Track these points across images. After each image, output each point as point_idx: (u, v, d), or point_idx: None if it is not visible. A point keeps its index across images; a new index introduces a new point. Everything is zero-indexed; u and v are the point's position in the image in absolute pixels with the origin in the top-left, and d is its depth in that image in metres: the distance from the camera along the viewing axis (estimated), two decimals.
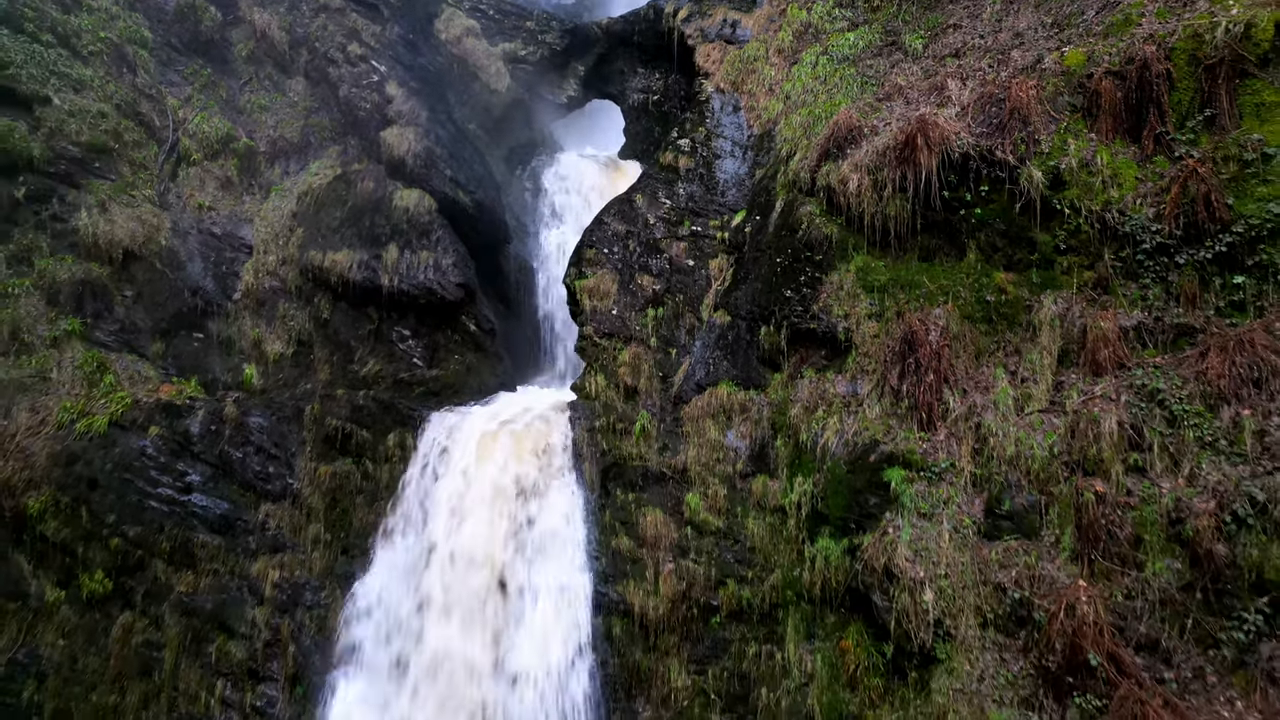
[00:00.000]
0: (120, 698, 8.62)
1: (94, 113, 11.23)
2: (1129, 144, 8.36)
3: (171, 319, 10.58)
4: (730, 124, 11.56)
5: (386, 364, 10.43)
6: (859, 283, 9.12)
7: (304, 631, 9.00)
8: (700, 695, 8.36)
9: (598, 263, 10.45)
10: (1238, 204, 7.57)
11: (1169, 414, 7.11)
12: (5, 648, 8.41)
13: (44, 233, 10.53)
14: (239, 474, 9.49)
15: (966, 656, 6.91)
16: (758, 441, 9.22)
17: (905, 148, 8.80)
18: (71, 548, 8.85)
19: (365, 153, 11.76)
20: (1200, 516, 6.50)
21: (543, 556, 9.00)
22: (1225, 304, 7.50)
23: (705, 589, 8.65)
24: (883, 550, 7.45)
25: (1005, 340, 8.31)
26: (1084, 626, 6.47)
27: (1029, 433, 7.61)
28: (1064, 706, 6.43)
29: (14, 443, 8.95)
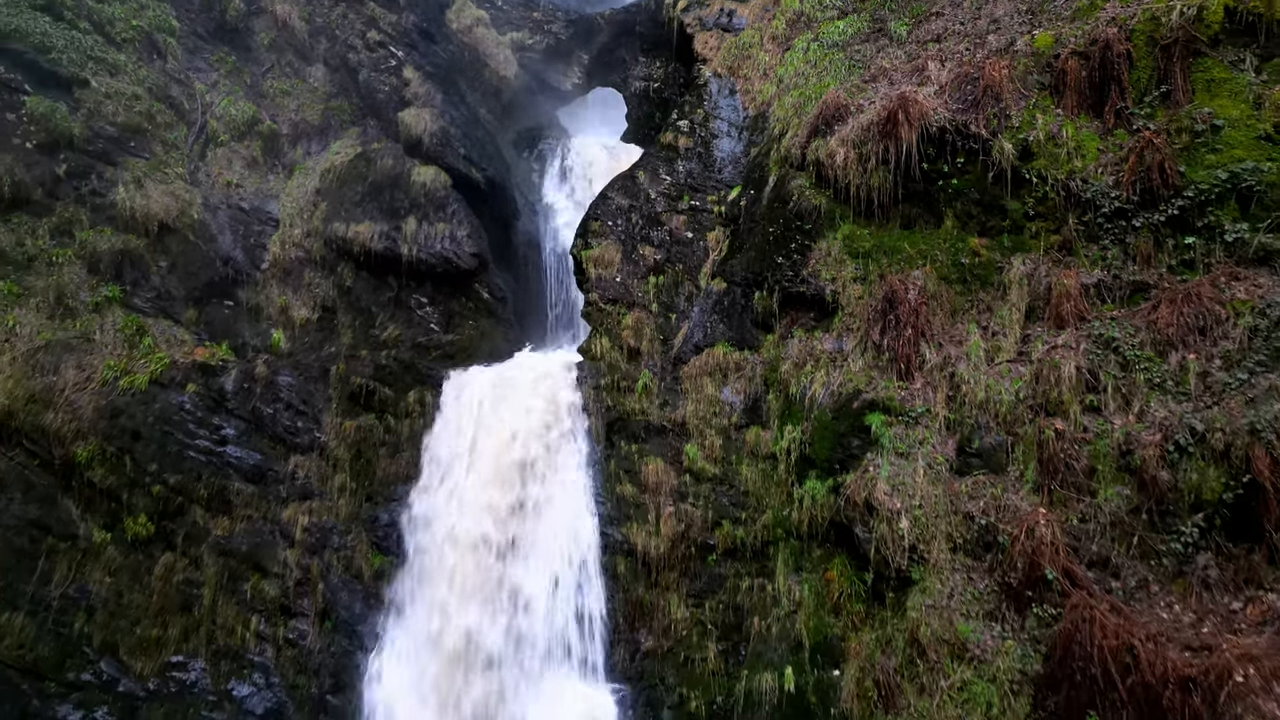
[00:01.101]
0: (163, 630, 9.34)
1: (129, 95, 11.96)
2: (1092, 118, 9.08)
3: (204, 287, 11.31)
4: (727, 106, 12.28)
5: (405, 329, 11.16)
6: (845, 249, 9.83)
7: (332, 571, 9.73)
8: (698, 625, 9.08)
9: (602, 234, 11.18)
10: (1189, 171, 8.28)
11: (1123, 359, 7.83)
12: (58, 583, 9.13)
13: (84, 207, 11.24)
14: (270, 428, 10.21)
15: (938, 577, 7.63)
16: (751, 396, 9.94)
17: (888, 123, 9.52)
18: (117, 494, 9.57)
19: (384, 133, 12.49)
20: (1147, 447, 7.22)
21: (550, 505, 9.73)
22: (1177, 262, 8.22)
23: (702, 530, 9.37)
24: (864, 486, 8.17)
25: (978, 299, 9.04)
26: (1042, 547, 7.19)
27: (998, 380, 8.34)
28: (1023, 616, 7.15)
29: (63, 397, 9.67)
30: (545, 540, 9.45)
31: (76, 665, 8.97)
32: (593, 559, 9.39)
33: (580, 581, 9.27)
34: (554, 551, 9.41)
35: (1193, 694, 5.71)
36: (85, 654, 9.03)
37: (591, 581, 9.30)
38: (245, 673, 9.29)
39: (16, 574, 8.97)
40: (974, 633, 7.25)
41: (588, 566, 9.36)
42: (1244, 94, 8.35)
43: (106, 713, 8.88)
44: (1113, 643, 6.21)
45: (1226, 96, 8.44)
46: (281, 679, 9.30)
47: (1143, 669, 5.99)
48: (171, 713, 9.02)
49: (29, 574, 9.02)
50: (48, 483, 9.45)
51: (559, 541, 9.44)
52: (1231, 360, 7.33)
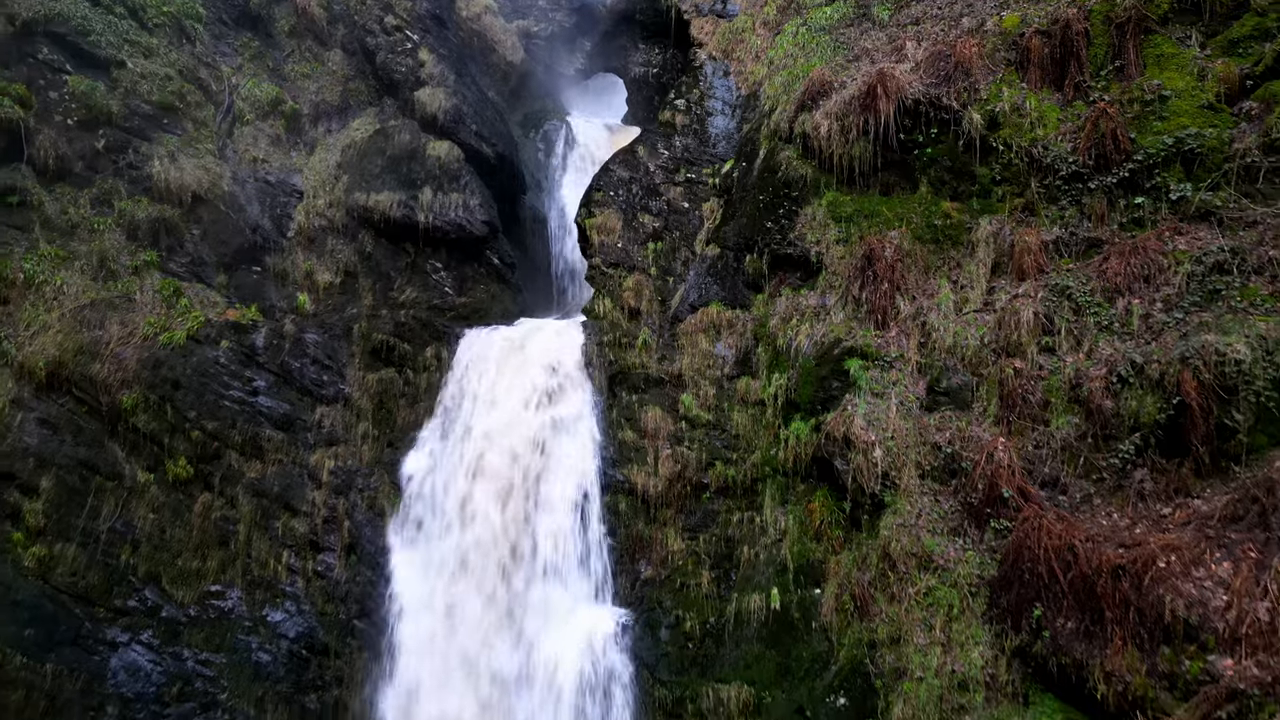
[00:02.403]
0: (202, 563, 10.17)
1: (161, 76, 12.78)
2: (1053, 91, 9.92)
3: (234, 254, 12.13)
4: (721, 86, 13.12)
5: (422, 292, 11.98)
6: (829, 214, 10.66)
7: (357, 510, 10.56)
8: (692, 556, 9.91)
9: (604, 204, 12.01)
10: (1139, 138, 9.12)
11: (1076, 305, 8.66)
12: (105, 518, 9.95)
13: (122, 179, 12.06)
14: (297, 381, 11.04)
15: (908, 500, 8.47)
16: (742, 350, 10.77)
17: (868, 97, 10.35)
18: (159, 438, 10.39)
19: (400, 112, 13.31)
20: (1094, 380, 8.05)
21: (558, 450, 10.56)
22: (1127, 220, 9.06)
23: (697, 470, 10.21)
24: (842, 422, 9.01)
25: (949, 256, 9.87)
26: (1000, 469, 8.03)
27: (965, 327, 9.18)
28: (982, 530, 7.99)
29: (109, 350, 10.49)
30: (553, 481, 10.27)
31: (123, 593, 9.79)
32: (596, 497, 10.21)
33: (585, 517, 10.09)
34: (561, 491, 10.23)
35: (1122, 580, 6.54)
36: (131, 583, 9.85)
37: (596, 517, 10.12)
38: (278, 601, 10.12)
39: (68, 509, 9.80)
40: (939, 546, 8.09)
41: (592, 504, 10.18)
42: (1189, 67, 9.19)
43: (151, 635, 9.70)
44: (1057, 544, 7.03)
45: (1174, 70, 9.27)
46: (311, 606, 10.13)
47: (1081, 563, 6.82)
48: (211, 636, 9.85)
49: (79, 509, 9.84)
50: (95, 428, 10.27)
51: (566, 482, 10.26)
52: (1171, 303, 8.17)
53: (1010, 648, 7.22)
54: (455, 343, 11.16)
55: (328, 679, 9.88)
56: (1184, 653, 6.13)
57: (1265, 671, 5.75)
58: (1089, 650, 6.58)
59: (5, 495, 9.66)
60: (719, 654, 9.17)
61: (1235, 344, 7.10)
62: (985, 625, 7.51)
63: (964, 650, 7.48)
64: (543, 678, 9.48)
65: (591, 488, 10.21)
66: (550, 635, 9.65)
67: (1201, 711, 5.82)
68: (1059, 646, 6.77)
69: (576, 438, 10.55)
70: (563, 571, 9.85)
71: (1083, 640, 6.66)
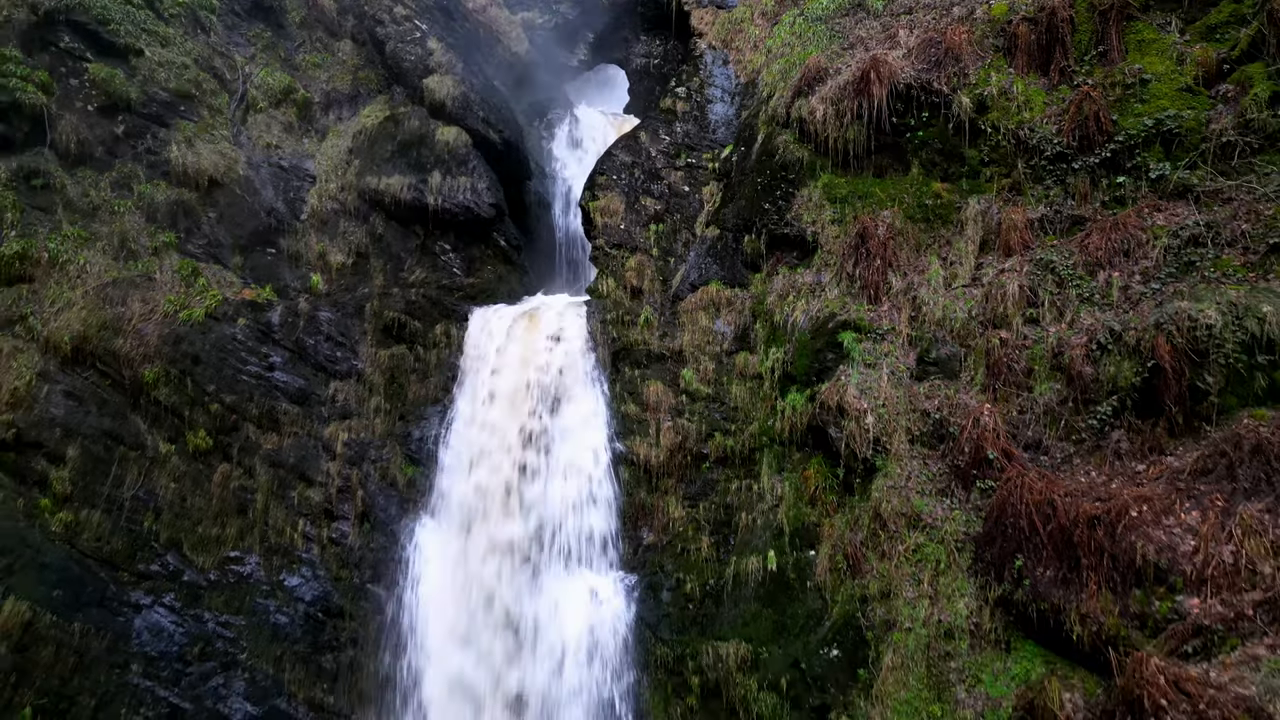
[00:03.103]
0: (221, 530, 10.57)
1: (178, 64, 13.18)
2: (1039, 76, 10.32)
3: (249, 236, 12.53)
4: (720, 75, 13.52)
5: (431, 273, 12.38)
6: (824, 196, 11.07)
7: (370, 480, 10.97)
8: (693, 522, 10.31)
9: (608, 187, 12.41)
10: (1121, 119, 9.53)
11: (1059, 278, 9.07)
12: (129, 486, 10.34)
13: (140, 164, 12.46)
14: (312, 357, 11.44)
15: (898, 464, 8.87)
16: (741, 326, 11.17)
17: (861, 82, 10.75)
18: (179, 411, 10.78)
19: (409, 99, 13.69)
20: (1075, 348, 8.46)
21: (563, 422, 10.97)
22: (1109, 198, 9.47)
23: (697, 441, 10.61)
24: (836, 392, 9.41)
25: (939, 235, 10.28)
26: (986, 433, 8.44)
27: (953, 301, 9.58)
28: (969, 491, 8.40)
29: (131, 326, 10.89)
30: (559, 452, 10.68)
31: (146, 558, 10.19)
32: (601, 467, 10.61)
33: (589, 486, 10.50)
34: (567, 461, 10.64)
35: (1098, 529, 6.95)
36: (153, 548, 10.25)
37: (600, 486, 10.52)
38: (294, 566, 10.52)
39: (93, 477, 10.19)
40: (927, 506, 8.49)
41: (597, 474, 10.59)
42: (1169, 52, 9.60)
43: (173, 598, 10.10)
44: (1038, 499, 7.44)
45: (1154, 54, 9.69)
46: (326, 572, 10.53)
47: (1060, 516, 7.23)
48: (230, 599, 10.25)
49: (104, 477, 10.24)
50: (118, 400, 10.67)
51: (572, 453, 10.67)
52: (1149, 275, 8.58)
53: (993, 598, 7.63)
54: (465, 320, 11.56)
55: (343, 640, 10.28)
56: (1154, 594, 6.54)
57: (1228, 608, 6.16)
58: (1066, 596, 6.99)
59: (33, 463, 10.06)
60: (718, 614, 9.58)
61: (1207, 310, 7.50)
62: (970, 578, 7.92)
63: (950, 602, 7.89)
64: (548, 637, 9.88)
65: (596, 459, 10.59)
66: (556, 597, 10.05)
67: (1169, 646, 6.22)
68: (1038, 593, 7.18)
69: (581, 411, 10.94)
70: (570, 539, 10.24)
71: (1060, 587, 7.07)
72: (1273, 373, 7.28)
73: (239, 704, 9.75)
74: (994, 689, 7.30)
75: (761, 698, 8.84)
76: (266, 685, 9.90)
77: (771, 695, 8.80)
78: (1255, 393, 7.32)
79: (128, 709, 9.44)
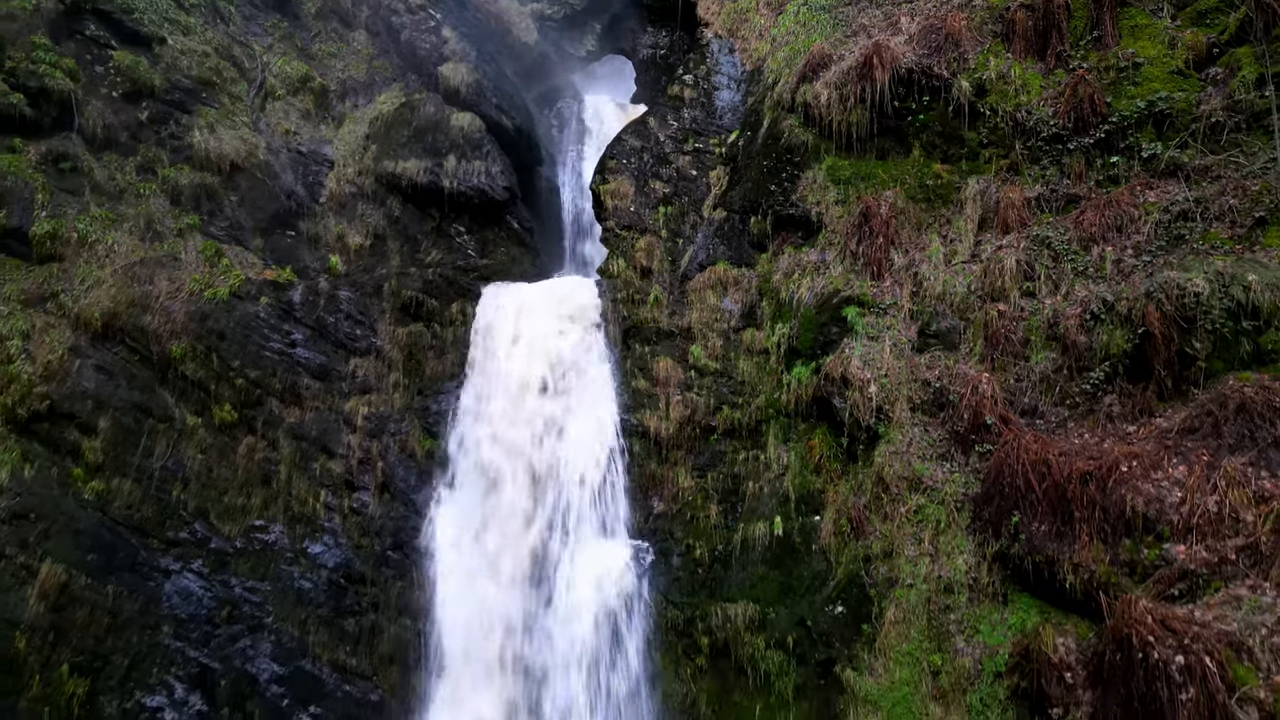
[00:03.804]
0: (246, 500, 10.94)
1: (200, 52, 13.56)
2: (1036, 61, 10.69)
3: (269, 219, 12.90)
4: (727, 63, 13.88)
5: (446, 254, 12.76)
6: (829, 177, 11.43)
7: (389, 452, 11.34)
8: (701, 492, 10.68)
9: (618, 170, 12.79)
10: (1115, 102, 9.90)
11: (1054, 253, 9.44)
12: (158, 456, 10.69)
13: (164, 148, 12.83)
14: (332, 334, 11.82)
15: (900, 431, 9.25)
16: (747, 304, 11.54)
17: (864, 67, 11.11)
18: (205, 385, 11.16)
19: (424, 86, 14.07)
20: (1070, 319, 8.83)
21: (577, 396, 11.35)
22: (1103, 177, 9.83)
23: (705, 414, 10.98)
24: (840, 364, 9.78)
25: (939, 214, 10.65)
26: (984, 400, 8.81)
27: (953, 276, 9.95)
28: (968, 455, 8.77)
29: (159, 303, 11.26)
30: (573, 425, 11.06)
31: (174, 525, 10.56)
32: (613, 440, 10.99)
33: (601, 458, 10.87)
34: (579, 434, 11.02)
35: (1090, 484, 7.32)
36: (182, 516, 10.62)
37: (611, 458, 10.90)
38: (317, 535, 10.89)
39: (124, 447, 10.57)
40: (928, 470, 8.87)
41: (608, 446, 10.96)
42: (1161, 37, 9.97)
43: (201, 564, 10.47)
44: (1033, 458, 7.81)
45: (1147, 39, 10.06)
46: (348, 540, 10.91)
47: (1054, 474, 7.60)
48: (256, 566, 10.63)
49: (134, 448, 10.61)
50: (147, 374, 11.04)
51: (585, 426, 11.05)
52: (1140, 249, 8.95)
53: (991, 554, 8.00)
54: (479, 299, 11.94)
55: (364, 605, 10.66)
56: (1143, 543, 6.91)
57: (1212, 554, 6.53)
58: (1060, 548, 7.37)
59: (66, 434, 10.44)
60: (726, 577, 9.95)
61: (1195, 279, 7.87)
62: (969, 536, 8.29)
63: (950, 559, 8.27)
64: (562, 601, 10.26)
65: (608, 432, 10.97)
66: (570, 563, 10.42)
67: (1156, 591, 6.60)
68: (1034, 547, 7.56)
69: (593, 387, 11.32)
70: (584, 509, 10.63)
71: (1055, 540, 7.44)
72: (1257, 338, 7.65)
73: (266, 664, 10.13)
74: (992, 638, 7.68)
75: (769, 655, 9.22)
76: (292, 647, 10.28)
77: (778, 653, 9.18)
78: (1240, 357, 7.69)
79: (159, 668, 9.83)
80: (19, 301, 10.90)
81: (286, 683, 10.10)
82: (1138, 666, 6.08)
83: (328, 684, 10.25)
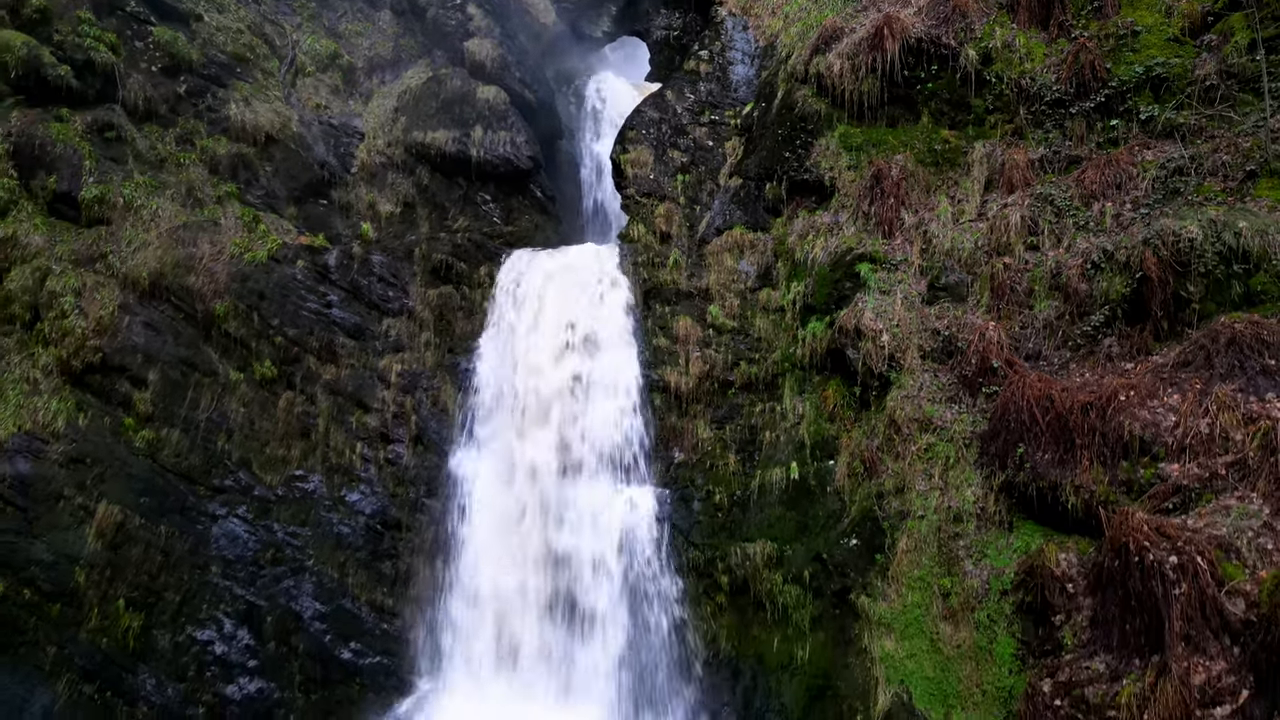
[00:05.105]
0: (287, 451, 11.49)
1: (234, 29, 14.11)
2: (1040, 30, 11.21)
3: (303, 188, 13.45)
4: (740, 39, 14.40)
5: (473, 221, 13.30)
6: (841, 144, 11.95)
7: (422, 406, 11.88)
8: (720, 442, 11.22)
9: (637, 140, 13.31)
10: (1114, 68, 10.41)
11: (1057, 209, 9.96)
12: (204, 409, 11.24)
13: (201, 120, 13.39)
14: (366, 296, 12.36)
15: (911, 377, 9.77)
16: (763, 266, 12.07)
17: (875, 38, 11.62)
18: (247, 342, 11.70)
19: (450, 62, 14.62)
20: (1071, 269, 9.35)
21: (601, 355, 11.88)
22: (1103, 140, 10.35)
23: (723, 369, 11.51)
24: (853, 316, 10.31)
25: (947, 177, 11.17)
26: (991, 345, 9.33)
27: (961, 233, 10.47)
28: (975, 396, 9.29)
29: (202, 264, 11.81)
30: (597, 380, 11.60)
31: (220, 474, 11.12)
32: (635, 393, 11.52)
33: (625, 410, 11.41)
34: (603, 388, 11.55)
35: (1090, 413, 7.85)
36: (226, 465, 11.18)
37: (634, 410, 11.43)
38: (354, 484, 11.44)
39: (172, 399, 11.13)
40: (937, 412, 9.40)
41: (630, 399, 11.49)
42: (1158, 5, 10.50)
43: (245, 510, 11.03)
44: (1037, 394, 8.33)
45: (1144, 8, 10.58)
46: (384, 489, 11.45)
47: (1057, 406, 8.12)
48: (297, 512, 11.18)
49: (181, 400, 11.17)
50: (192, 332, 11.59)
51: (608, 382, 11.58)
52: (1138, 203, 9.47)
53: (997, 485, 8.53)
54: (505, 262, 12.49)
55: (400, 549, 11.21)
56: (1139, 463, 7.44)
57: (1204, 470, 7.06)
58: (1062, 473, 7.89)
59: (118, 385, 11.00)
60: (745, 519, 10.49)
61: (1190, 226, 8.39)
62: (977, 470, 8.82)
63: (959, 491, 8.80)
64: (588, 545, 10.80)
65: (631, 387, 11.50)
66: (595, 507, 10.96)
67: (1152, 504, 7.13)
68: (1038, 474, 8.08)
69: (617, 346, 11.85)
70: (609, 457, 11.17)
71: (1057, 466, 7.97)
72: (1247, 280, 8.17)
73: (309, 603, 10.69)
74: (998, 561, 8.21)
75: (786, 589, 9.75)
76: (333, 587, 10.84)
77: (795, 587, 9.72)
78: (1232, 299, 8.21)
79: (209, 604, 10.39)
80: (70, 261, 11.46)
81: (328, 620, 10.66)
82: (1134, 569, 6.60)
83: (366, 622, 10.81)
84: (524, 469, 11.29)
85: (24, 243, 11.29)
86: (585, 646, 10.61)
